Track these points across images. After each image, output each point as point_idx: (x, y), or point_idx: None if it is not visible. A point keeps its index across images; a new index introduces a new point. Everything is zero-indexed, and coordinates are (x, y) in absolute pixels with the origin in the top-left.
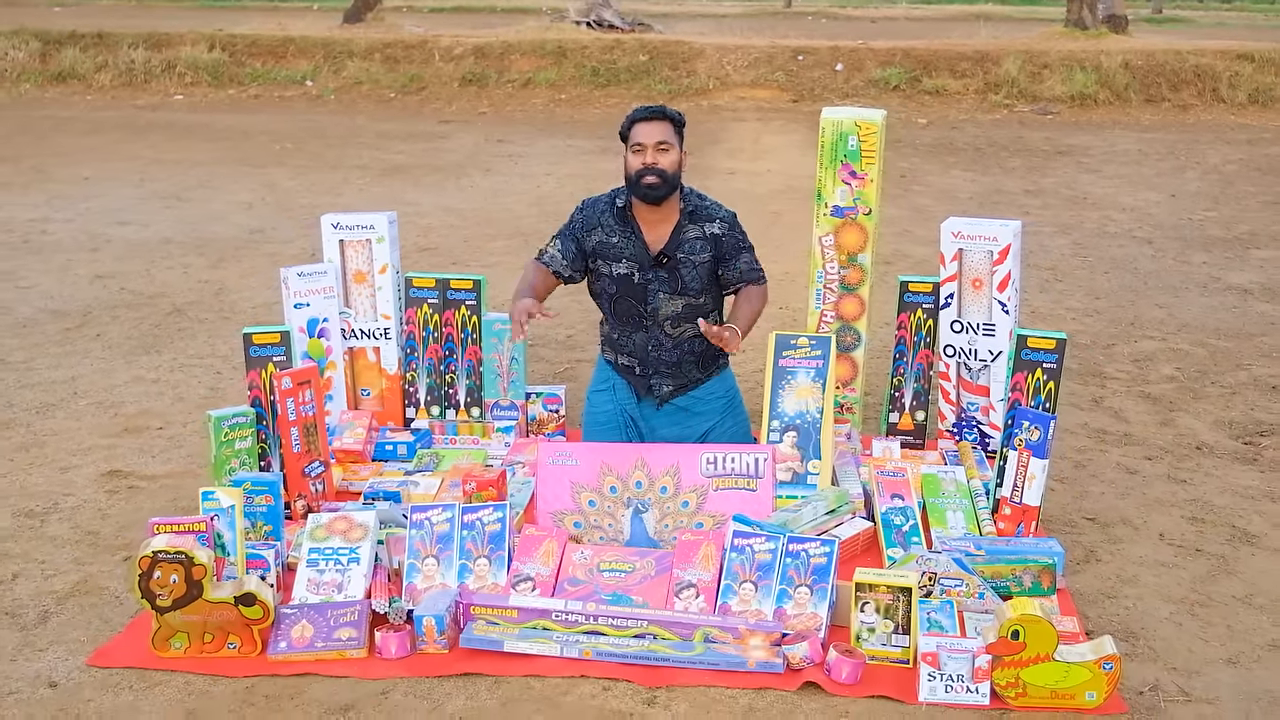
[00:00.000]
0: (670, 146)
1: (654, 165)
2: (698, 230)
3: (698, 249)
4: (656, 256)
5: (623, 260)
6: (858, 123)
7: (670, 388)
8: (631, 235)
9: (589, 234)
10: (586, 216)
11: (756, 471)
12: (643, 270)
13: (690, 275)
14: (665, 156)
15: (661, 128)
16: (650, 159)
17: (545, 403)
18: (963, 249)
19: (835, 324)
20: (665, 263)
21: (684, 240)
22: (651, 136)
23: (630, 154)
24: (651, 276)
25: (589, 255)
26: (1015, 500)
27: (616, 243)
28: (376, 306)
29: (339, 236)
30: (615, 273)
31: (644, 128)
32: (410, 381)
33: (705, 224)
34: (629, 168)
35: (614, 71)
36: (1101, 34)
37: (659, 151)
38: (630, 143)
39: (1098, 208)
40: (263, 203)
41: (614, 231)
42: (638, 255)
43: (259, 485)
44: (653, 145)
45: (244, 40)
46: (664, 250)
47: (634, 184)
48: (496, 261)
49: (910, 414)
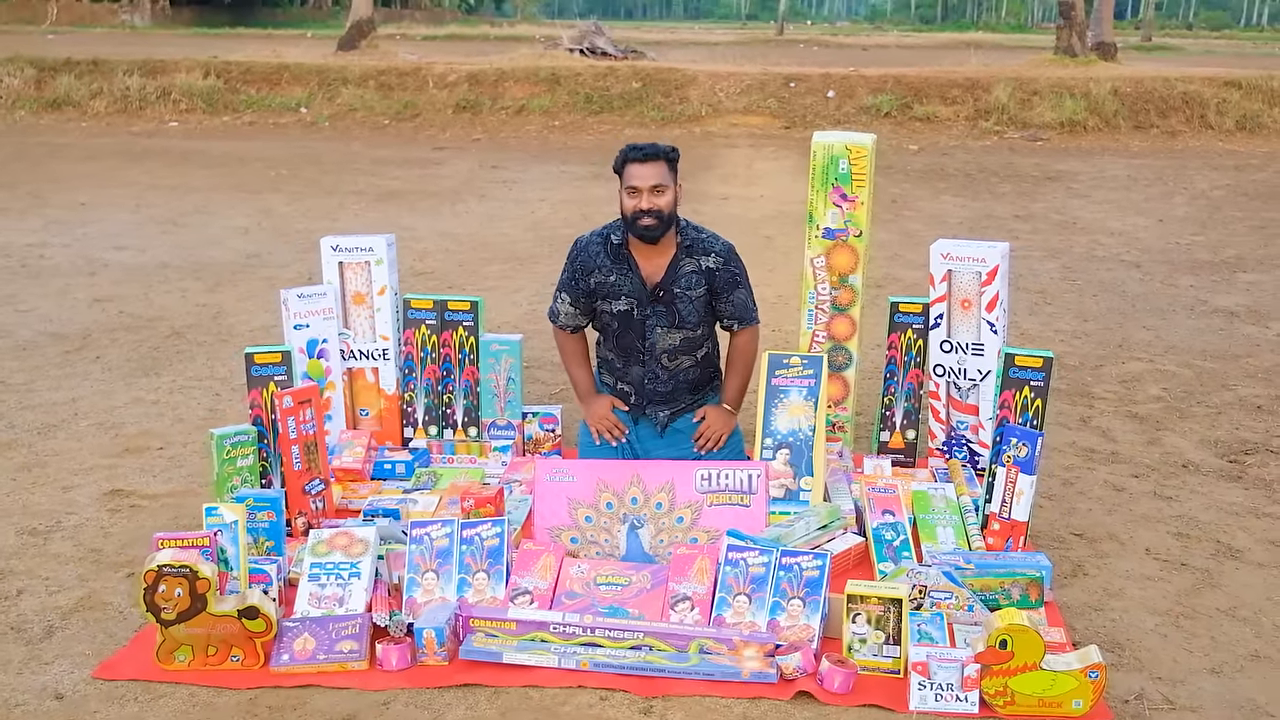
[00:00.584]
0: (666, 188)
1: (651, 209)
2: (693, 264)
3: (693, 283)
4: (653, 291)
5: (621, 297)
6: (848, 146)
7: (666, 414)
8: (628, 271)
9: (587, 277)
10: (583, 261)
11: (750, 488)
12: (640, 306)
13: (687, 309)
14: (661, 198)
15: (656, 170)
16: (646, 203)
17: (542, 422)
18: (952, 270)
19: (827, 344)
20: (662, 297)
21: (680, 275)
22: (646, 179)
23: (625, 195)
24: (650, 312)
25: (590, 296)
26: (1004, 516)
27: (614, 281)
28: (375, 327)
29: (338, 258)
30: (615, 309)
31: (638, 170)
32: (408, 402)
33: (701, 257)
34: (624, 208)
35: (607, 98)
36: (1091, 61)
37: (655, 194)
38: (625, 183)
39: (1086, 232)
40: (259, 228)
41: (610, 270)
42: (635, 291)
43: (261, 502)
44: (648, 190)
45: (239, 67)
46: (660, 284)
47: (630, 224)
48: (493, 286)
49: (901, 432)
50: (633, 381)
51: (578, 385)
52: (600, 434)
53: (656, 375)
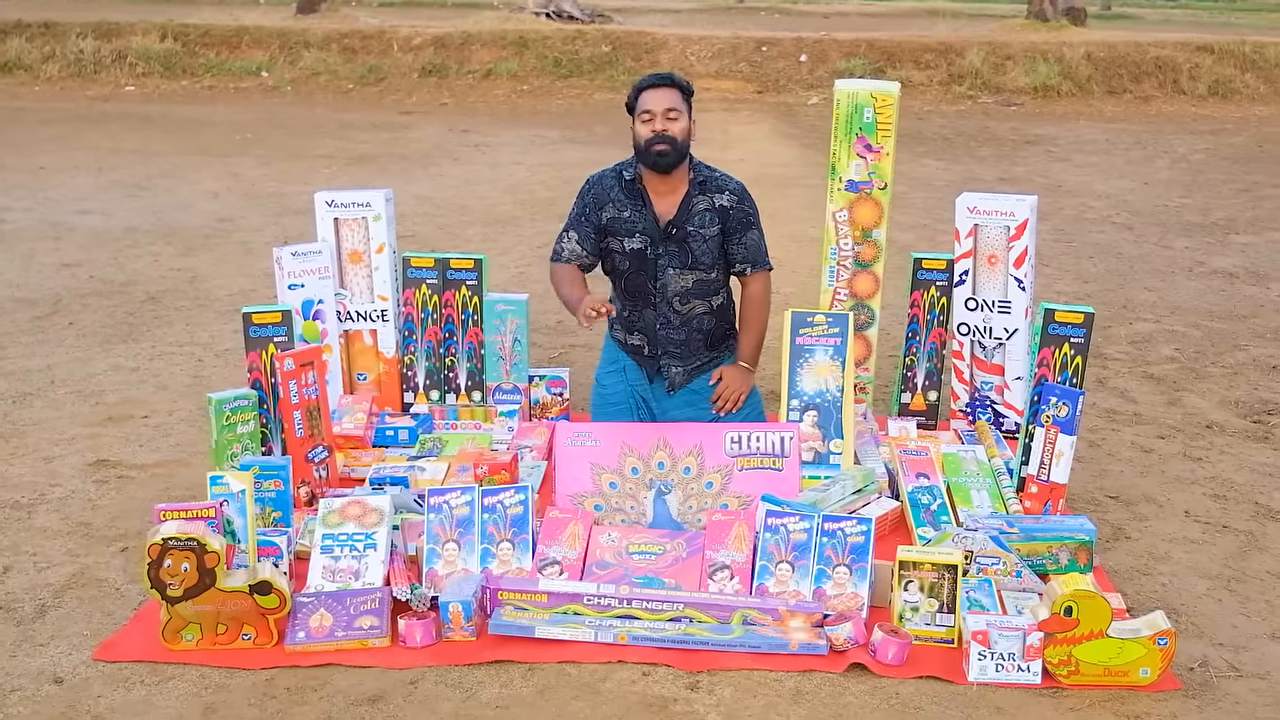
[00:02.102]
0: (680, 114)
1: (664, 132)
2: (707, 201)
3: (707, 221)
4: (666, 228)
5: (635, 235)
6: (874, 94)
7: (680, 370)
8: (642, 207)
9: (600, 210)
10: (596, 194)
11: (782, 451)
12: (653, 244)
13: (700, 248)
14: (675, 124)
15: (670, 95)
16: (660, 126)
17: (549, 386)
18: (978, 224)
19: (849, 302)
20: (675, 234)
21: (693, 212)
22: (661, 103)
23: (639, 123)
24: (662, 250)
25: (602, 233)
26: (1042, 478)
27: (628, 216)
28: (373, 287)
29: (334, 214)
30: (628, 248)
31: (653, 95)
32: (409, 365)
33: (715, 195)
34: (638, 136)
35: (576, 62)
36: (1062, 26)
37: (669, 119)
38: (638, 111)
39: (1074, 195)
40: (229, 191)
41: (624, 205)
42: (648, 228)
43: (268, 470)
44: (662, 112)
45: (197, 30)
46: (673, 221)
47: (644, 152)
48: (476, 248)
49: (923, 394)
50: (645, 329)
51: (569, 300)
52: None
53: (669, 320)
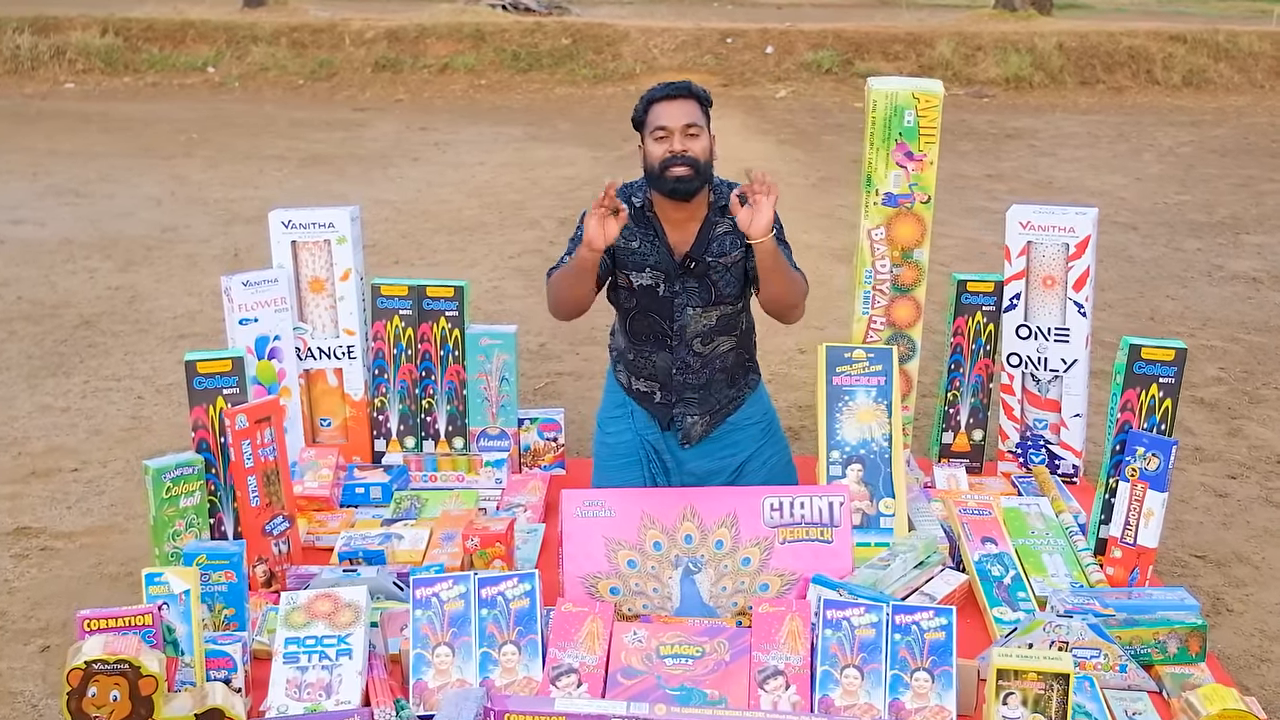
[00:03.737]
0: (700, 130)
1: (684, 153)
2: (727, 225)
3: (728, 245)
4: (683, 261)
5: (645, 269)
6: (916, 94)
7: (698, 420)
8: (654, 238)
9: None
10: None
11: (831, 519)
12: (668, 280)
13: (724, 280)
14: (695, 142)
15: (688, 108)
16: (679, 145)
17: (541, 430)
18: (1032, 241)
19: (886, 331)
20: (694, 268)
21: (714, 238)
22: (677, 119)
23: (651, 141)
24: (679, 288)
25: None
26: (1128, 541)
27: (638, 248)
28: (338, 320)
29: (291, 237)
30: (637, 284)
31: (667, 109)
32: (379, 408)
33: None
34: (650, 158)
35: (536, 55)
36: (1030, 15)
37: (688, 136)
38: (650, 128)
39: (1066, 192)
40: (173, 197)
41: (634, 234)
42: (662, 262)
43: (217, 559)
44: (680, 129)
45: (139, 24)
46: (691, 253)
47: (658, 177)
48: (444, 259)
49: (966, 433)
50: (658, 374)
51: (574, 258)
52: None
53: (687, 365)
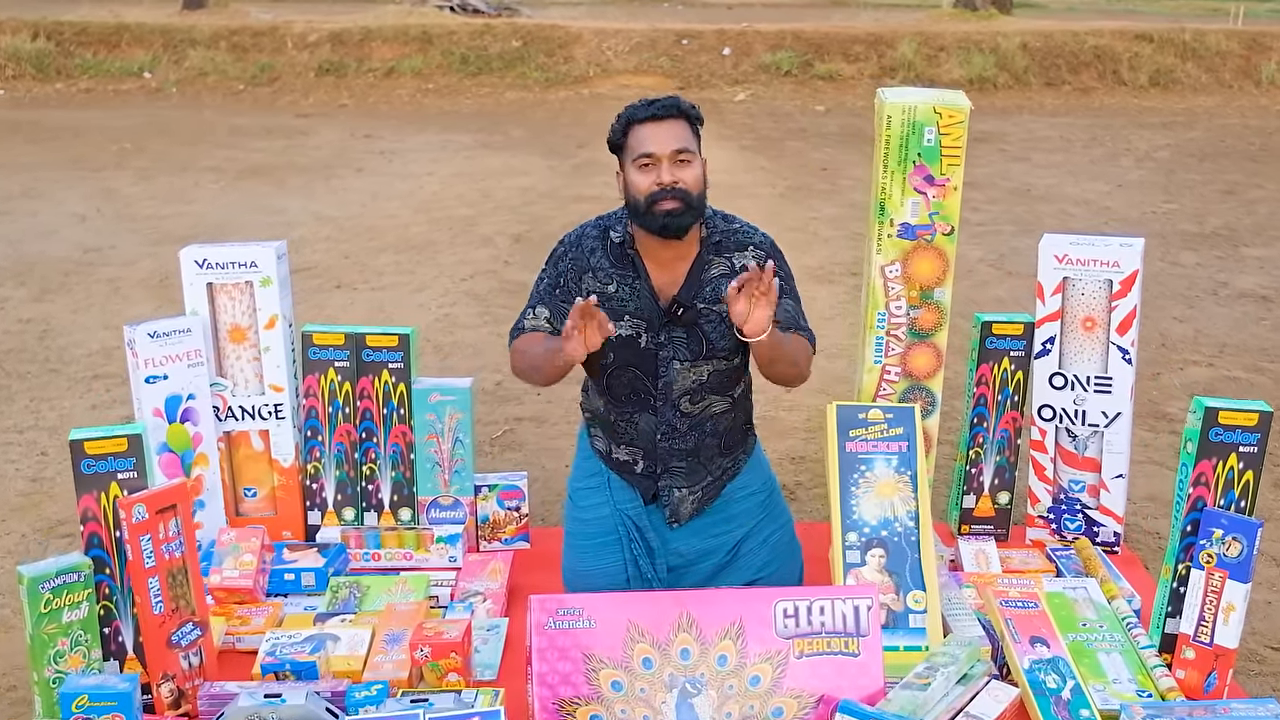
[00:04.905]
0: (692, 157)
1: (675, 185)
2: (724, 265)
3: (723, 291)
4: (669, 307)
5: (624, 317)
6: (938, 109)
7: (688, 493)
8: (635, 280)
9: (578, 280)
10: (575, 259)
11: (858, 627)
12: (652, 329)
13: (716, 330)
14: (687, 171)
15: (676, 130)
16: (668, 176)
17: (501, 498)
18: (1069, 278)
19: (901, 383)
20: (682, 315)
21: (706, 282)
22: (665, 144)
23: (634, 170)
24: (664, 338)
25: None
26: (1202, 640)
27: (614, 292)
28: (263, 374)
29: (207, 279)
30: (614, 335)
31: (652, 132)
32: (313, 476)
33: (735, 254)
34: (634, 189)
35: (485, 59)
36: (991, 15)
37: (678, 165)
38: (632, 153)
39: (1048, 200)
40: (99, 214)
41: (610, 277)
42: (644, 308)
43: (102, 699)
44: (669, 156)
45: (72, 28)
46: (679, 298)
47: (645, 213)
48: (390, 283)
49: (990, 496)
50: (640, 440)
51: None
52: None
53: (674, 428)
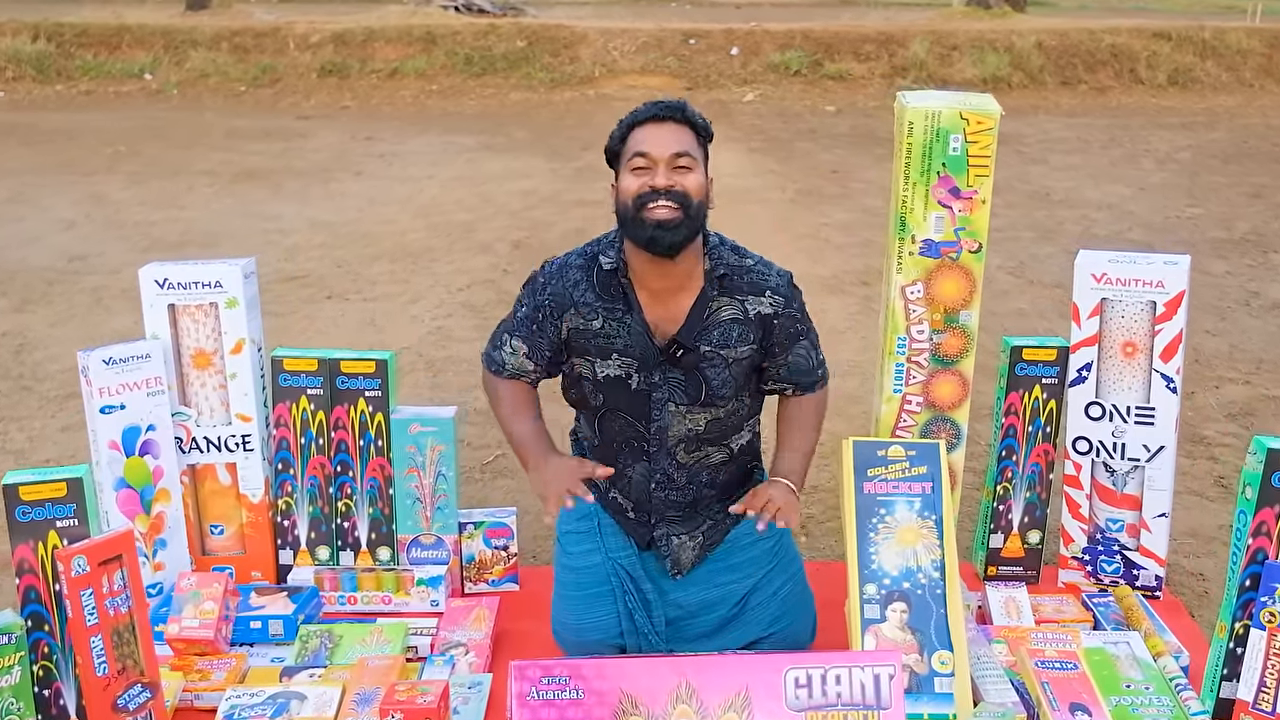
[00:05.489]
0: (695, 164)
1: (670, 188)
2: (734, 308)
3: (732, 337)
4: (666, 346)
5: (611, 355)
6: (965, 114)
7: (688, 539)
8: (625, 314)
9: (559, 318)
10: (556, 294)
11: (878, 698)
12: (645, 369)
13: (720, 378)
14: (686, 177)
15: (679, 133)
16: (663, 180)
17: (488, 536)
18: (1108, 299)
19: (924, 414)
20: (681, 358)
21: (712, 323)
22: (664, 145)
23: (627, 173)
24: (659, 379)
25: (561, 350)
26: (1263, 708)
27: (601, 328)
28: (229, 403)
29: (168, 300)
30: (601, 374)
31: (651, 132)
32: (285, 512)
33: (749, 298)
34: (623, 194)
35: (490, 59)
36: (1005, 13)
37: (676, 169)
38: (627, 155)
39: (1069, 205)
40: (87, 220)
41: (596, 311)
42: (636, 345)
43: None
44: (666, 159)
45: (73, 29)
46: (679, 338)
47: (633, 219)
48: (383, 293)
49: (1020, 535)
50: (632, 490)
51: (523, 442)
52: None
53: (669, 478)
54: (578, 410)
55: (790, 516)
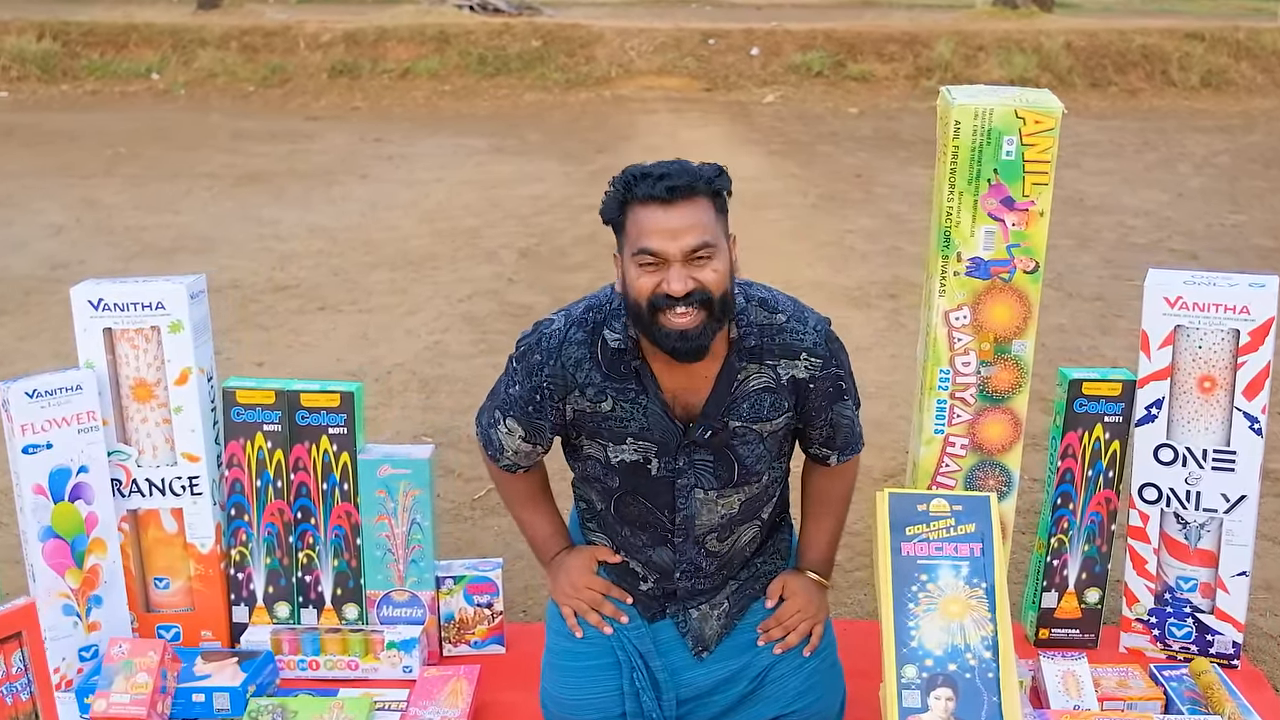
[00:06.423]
0: (714, 250)
1: (692, 293)
2: (765, 376)
3: (764, 409)
4: (693, 428)
5: (626, 440)
6: (1020, 112)
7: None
8: (641, 396)
9: (562, 400)
10: (554, 375)
11: None
12: (665, 453)
13: (754, 454)
14: (706, 269)
15: (691, 216)
16: (679, 285)
17: (469, 591)
18: (1182, 326)
19: (970, 458)
20: (709, 440)
21: (742, 397)
22: (677, 240)
23: (634, 267)
24: (683, 464)
25: (566, 430)
26: None
27: (611, 410)
28: (174, 440)
29: (103, 323)
30: (615, 460)
31: (658, 220)
32: (238, 564)
33: (781, 362)
34: (635, 291)
35: (504, 59)
36: (1032, 13)
37: (696, 263)
38: (632, 246)
39: (1104, 211)
40: (77, 225)
41: (604, 393)
42: (655, 428)
43: None
44: (684, 256)
45: (79, 29)
46: (705, 416)
47: (648, 324)
48: (379, 303)
49: (1077, 593)
50: (655, 568)
51: (536, 540)
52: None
53: (696, 566)
54: (586, 486)
55: (816, 634)
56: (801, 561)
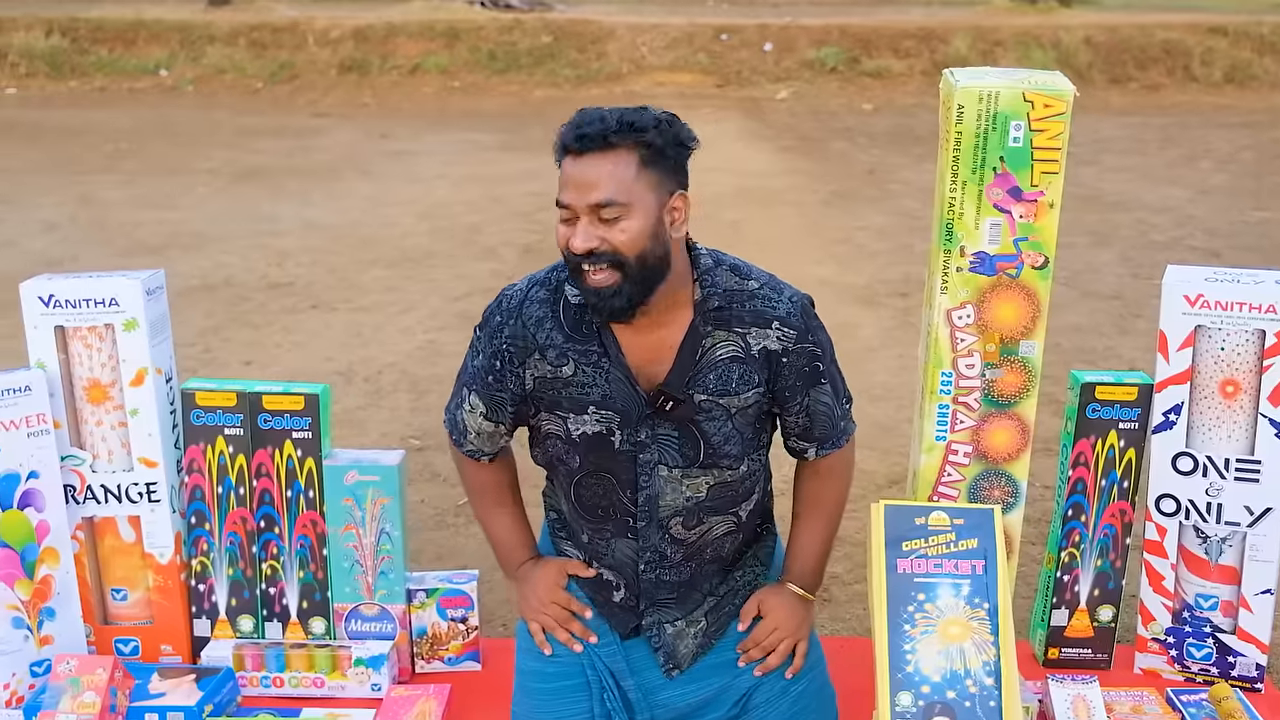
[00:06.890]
0: (625, 208)
1: (595, 250)
2: (733, 344)
3: (733, 381)
4: (653, 397)
5: (588, 410)
6: (1029, 95)
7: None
8: (602, 359)
9: (521, 364)
10: (515, 334)
11: None
12: (628, 424)
13: (721, 432)
14: (615, 229)
15: (604, 168)
16: (582, 241)
17: (442, 605)
18: (1203, 327)
19: (974, 467)
20: (671, 410)
21: (708, 365)
22: (581, 192)
23: (558, 220)
24: (645, 436)
25: (525, 403)
26: None
27: (573, 376)
28: (130, 444)
29: (54, 320)
30: (575, 433)
31: (573, 170)
32: (199, 574)
33: (751, 330)
34: (559, 243)
35: (514, 55)
36: (1051, 8)
37: (601, 220)
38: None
39: (1124, 208)
40: (72, 222)
41: (566, 355)
42: (617, 396)
43: None
44: (587, 209)
45: (87, 25)
46: (667, 385)
47: (575, 280)
48: (374, 302)
49: (1089, 611)
50: (618, 566)
51: (501, 546)
52: (544, 631)
53: (661, 555)
54: (549, 473)
55: (799, 653)
56: (786, 573)
